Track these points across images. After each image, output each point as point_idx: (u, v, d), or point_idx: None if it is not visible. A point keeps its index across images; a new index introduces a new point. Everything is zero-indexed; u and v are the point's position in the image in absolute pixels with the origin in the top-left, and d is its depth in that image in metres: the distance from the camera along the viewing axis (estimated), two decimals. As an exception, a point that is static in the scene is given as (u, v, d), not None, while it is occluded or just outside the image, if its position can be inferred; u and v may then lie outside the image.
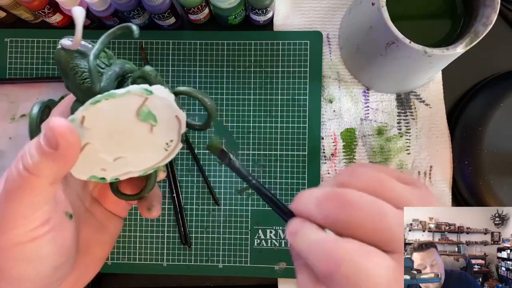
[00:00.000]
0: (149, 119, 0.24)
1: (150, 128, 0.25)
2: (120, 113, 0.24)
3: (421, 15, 0.42)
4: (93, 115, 0.23)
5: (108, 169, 0.26)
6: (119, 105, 0.23)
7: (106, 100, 0.23)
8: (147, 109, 0.24)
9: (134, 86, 0.23)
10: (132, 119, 0.24)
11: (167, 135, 0.26)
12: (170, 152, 0.27)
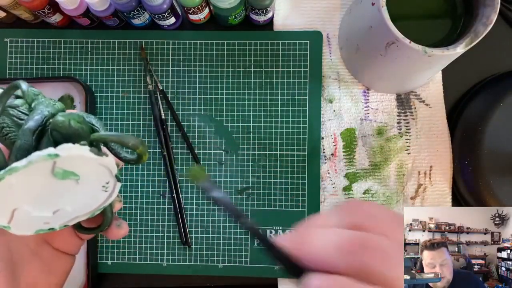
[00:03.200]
0: (68, 177, 0.22)
1: (76, 182, 0.23)
2: (35, 178, 0.22)
3: (421, 15, 0.42)
4: (6, 188, 0.22)
5: (51, 222, 0.25)
6: (28, 173, 0.21)
7: (9, 175, 0.21)
8: (61, 170, 0.22)
9: (36, 155, 0.21)
10: (51, 179, 0.22)
11: (99, 180, 0.24)
12: (111, 192, 0.26)
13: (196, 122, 0.49)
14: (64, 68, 0.50)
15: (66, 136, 0.23)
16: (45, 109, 0.24)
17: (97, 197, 0.25)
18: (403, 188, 0.48)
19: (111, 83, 0.49)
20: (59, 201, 0.24)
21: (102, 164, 0.23)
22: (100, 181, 0.24)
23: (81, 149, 0.22)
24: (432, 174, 0.48)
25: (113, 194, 0.26)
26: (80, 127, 0.23)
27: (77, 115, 0.24)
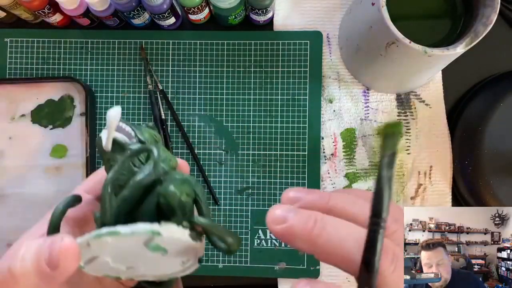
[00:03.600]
0: (158, 251, 0.23)
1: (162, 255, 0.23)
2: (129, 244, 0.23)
3: (421, 15, 0.42)
4: (100, 245, 0.22)
5: (121, 274, 0.25)
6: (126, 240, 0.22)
7: (111, 236, 0.22)
8: (155, 244, 0.22)
9: (141, 227, 0.22)
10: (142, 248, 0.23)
11: (182, 257, 0.25)
12: (185, 269, 0.26)
13: (196, 122, 0.49)
14: (64, 68, 0.50)
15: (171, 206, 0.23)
16: (161, 165, 0.24)
17: (172, 267, 0.25)
18: (403, 188, 0.48)
19: (111, 83, 0.49)
20: (137, 262, 0.24)
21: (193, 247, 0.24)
22: (183, 257, 0.25)
23: (182, 232, 0.22)
24: (432, 174, 0.48)
25: (188, 270, 0.26)
26: (188, 202, 0.23)
27: (189, 186, 0.24)
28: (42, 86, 0.49)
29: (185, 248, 0.24)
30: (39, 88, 0.49)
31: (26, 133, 0.48)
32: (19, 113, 0.49)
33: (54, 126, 0.48)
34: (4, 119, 0.48)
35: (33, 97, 0.49)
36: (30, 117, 0.48)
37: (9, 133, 0.48)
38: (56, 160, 0.48)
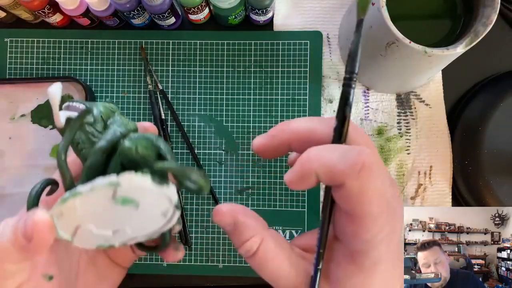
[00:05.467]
0: (128, 203, 0.23)
1: (135, 208, 0.24)
2: (97, 202, 0.23)
3: (421, 15, 0.42)
4: (70, 209, 0.23)
5: (111, 240, 0.26)
6: (91, 197, 0.23)
7: (74, 197, 0.22)
8: (121, 197, 0.23)
9: (99, 182, 0.22)
10: (112, 204, 0.23)
11: (158, 207, 0.25)
12: (170, 218, 0.26)
13: (196, 122, 0.49)
14: (64, 68, 0.50)
15: (132, 161, 0.24)
16: (118, 129, 0.25)
17: (156, 222, 0.26)
18: (403, 188, 0.48)
19: (111, 83, 0.49)
20: (119, 223, 0.25)
21: (162, 193, 0.24)
22: (160, 208, 0.25)
23: (142, 179, 0.23)
24: (432, 174, 0.48)
25: (171, 220, 0.26)
26: (147, 154, 0.24)
27: (145, 140, 0.24)
28: (42, 86, 0.48)
29: (155, 197, 0.24)
30: (39, 88, 0.49)
31: (26, 133, 0.48)
32: (19, 113, 0.49)
33: (54, 126, 0.48)
34: (4, 119, 0.49)
35: (33, 97, 0.49)
36: (30, 117, 0.48)
37: (9, 133, 0.48)
38: (56, 160, 0.48)
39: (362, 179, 0.20)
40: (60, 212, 0.23)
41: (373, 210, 0.20)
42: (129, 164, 0.24)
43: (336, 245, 0.23)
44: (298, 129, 0.23)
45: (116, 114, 0.27)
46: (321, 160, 0.21)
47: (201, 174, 0.23)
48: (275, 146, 0.24)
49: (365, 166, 0.20)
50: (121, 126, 0.25)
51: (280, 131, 0.24)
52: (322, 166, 0.21)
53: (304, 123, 0.24)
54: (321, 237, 0.23)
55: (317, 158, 0.21)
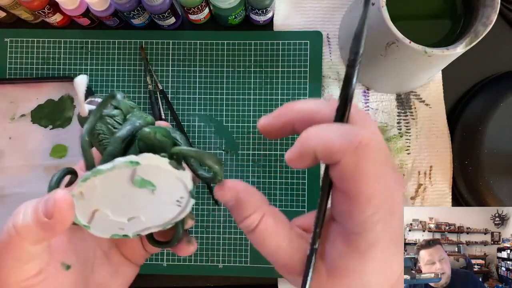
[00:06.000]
0: (145, 186, 0.24)
1: (152, 192, 0.25)
2: (116, 183, 0.24)
3: (421, 15, 0.42)
4: (90, 189, 0.24)
5: (125, 228, 0.27)
6: (111, 177, 0.24)
7: (94, 176, 0.23)
8: (139, 178, 0.24)
9: (119, 160, 0.23)
10: (130, 186, 0.24)
11: (174, 194, 0.26)
12: (183, 208, 0.27)
13: (196, 122, 0.49)
14: (64, 68, 0.50)
15: (150, 147, 0.25)
16: (137, 121, 0.26)
17: (170, 210, 0.27)
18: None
19: (111, 83, 0.49)
20: (135, 209, 0.26)
21: (178, 178, 0.25)
22: (175, 195, 0.26)
23: (160, 160, 0.24)
24: (432, 174, 0.48)
25: (185, 209, 0.27)
26: (165, 140, 0.25)
27: (164, 129, 0.25)
28: (42, 86, 0.48)
29: (171, 181, 0.25)
30: (39, 88, 0.49)
31: (26, 133, 0.48)
32: (19, 113, 0.49)
33: (54, 126, 0.48)
34: (4, 119, 0.48)
35: (33, 97, 0.49)
36: (30, 117, 0.48)
37: (9, 133, 0.48)
38: (56, 160, 0.48)
39: (358, 157, 0.20)
40: (80, 192, 0.24)
41: (368, 189, 0.20)
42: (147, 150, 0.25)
43: (333, 226, 0.23)
44: (303, 110, 0.23)
45: (136, 110, 0.28)
46: (319, 138, 0.21)
47: (217, 160, 0.24)
48: (280, 126, 0.24)
49: (362, 144, 0.20)
50: (140, 119, 0.27)
51: (285, 111, 0.24)
52: (320, 143, 0.21)
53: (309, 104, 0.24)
54: (318, 217, 0.23)
55: (315, 136, 0.21)
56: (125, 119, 0.27)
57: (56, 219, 0.23)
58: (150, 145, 0.25)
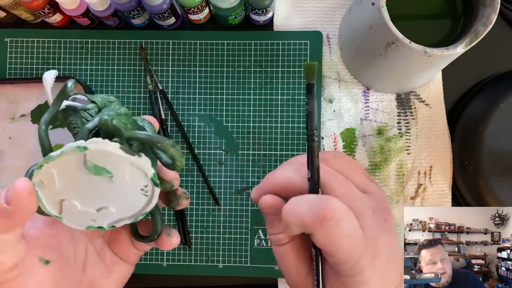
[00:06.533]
0: (101, 173, 0.24)
1: (110, 179, 0.24)
2: (71, 169, 0.24)
3: (421, 15, 0.42)
4: (48, 176, 0.24)
5: (97, 219, 0.26)
6: (64, 163, 0.23)
7: (47, 163, 0.23)
8: (92, 164, 0.23)
9: (67, 146, 0.23)
10: (86, 173, 0.24)
11: (135, 182, 0.25)
12: (151, 197, 0.26)
13: (196, 122, 0.49)
14: (64, 68, 0.50)
15: (108, 133, 0.24)
16: (106, 113, 0.26)
17: (137, 200, 0.26)
18: (403, 188, 0.48)
19: (111, 83, 0.49)
20: (100, 198, 0.25)
21: (134, 164, 0.24)
22: (137, 183, 0.25)
23: (109, 144, 0.23)
24: (432, 174, 0.48)
25: (152, 199, 0.26)
26: (123, 126, 0.24)
27: (126, 117, 0.25)
28: (42, 86, 0.48)
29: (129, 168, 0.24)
30: (39, 88, 0.49)
31: (26, 133, 0.48)
32: (19, 113, 0.49)
33: (54, 126, 0.48)
34: (4, 119, 0.49)
35: (33, 97, 0.49)
36: (30, 117, 0.48)
37: (9, 133, 0.48)
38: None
39: (325, 229, 0.22)
40: (40, 181, 0.24)
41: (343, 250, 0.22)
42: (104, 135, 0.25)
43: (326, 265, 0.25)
44: (279, 182, 0.26)
45: (114, 104, 0.28)
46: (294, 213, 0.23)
47: (172, 144, 0.24)
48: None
49: (326, 218, 0.22)
50: (112, 111, 0.27)
51: (265, 184, 0.27)
52: (295, 219, 0.23)
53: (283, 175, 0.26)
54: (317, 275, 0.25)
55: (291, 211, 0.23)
56: (99, 112, 0.27)
57: (15, 206, 0.23)
58: (107, 131, 0.24)
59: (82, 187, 0.25)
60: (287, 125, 0.48)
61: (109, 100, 0.29)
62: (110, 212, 0.26)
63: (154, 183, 0.25)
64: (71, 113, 0.28)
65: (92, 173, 0.24)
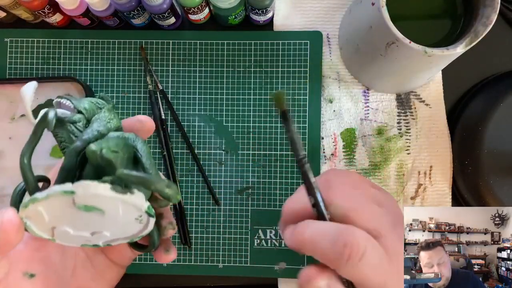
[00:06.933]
0: (91, 210, 0.22)
1: (102, 214, 0.23)
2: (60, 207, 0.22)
3: (421, 15, 0.42)
4: (36, 213, 0.23)
5: (92, 240, 0.25)
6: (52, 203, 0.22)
7: (33, 203, 0.22)
8: (81, 204, 0.22)
9: (53, 189, 0.22)
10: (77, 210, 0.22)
11: (128, 214, 0.24)
12: (146, 224, 0.25)
13: (196, 122, 0.49)
14: (64, 68, 0.50)
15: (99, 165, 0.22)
16: (96, 129, 0.24)
17: (132, 227, 0.25)
18: (403, 188, 0.48)
19: (111, 83, 0.49)
20: (93, 226, 0.24)
21: (126, 202, 0.23)
22: (131, 215, 0.24)
23: (99, 187, 0.21)
24: (432, 174, 0.48)
25: (148, 226, 0.25)
26: (114, 156, 0.22)
27: (115, 142, 0.23)
28: (42, 86, 0.48)
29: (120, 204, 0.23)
30: (39, 88, 0.48)
31: (26, 133, 0.48)
32: (19, 113, 0.49)
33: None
34: (4, 119, 0.49)
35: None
36: (30, 117, 0.48)
37: (9, 133, 0.48)
38: (56, 160, 0.48)
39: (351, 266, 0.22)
40: (27, 215, 0.23)
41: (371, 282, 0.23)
42: (96, 167, 0.23)
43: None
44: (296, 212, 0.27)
45: (103, 110, 0.26)
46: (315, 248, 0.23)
47: (167, 184, 0.22)
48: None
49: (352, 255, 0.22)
50: (101, 125, 0.24)
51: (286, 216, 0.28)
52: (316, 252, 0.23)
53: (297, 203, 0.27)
54: None
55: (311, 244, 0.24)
56: (88, 123, 0.25)
57: (1, 240, 0.23)
58: (96, 164, 0.22)
59: (73, 219, 0.23)
60: (287, 125, 0.48)
61: (98, 105, 0.26)
62: (105, 235, 0.25)
63: (149, 214, 0.24)
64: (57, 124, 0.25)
65: (82, 211, 0.22)
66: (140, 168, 0.25)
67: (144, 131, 0.28)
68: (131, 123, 0.28)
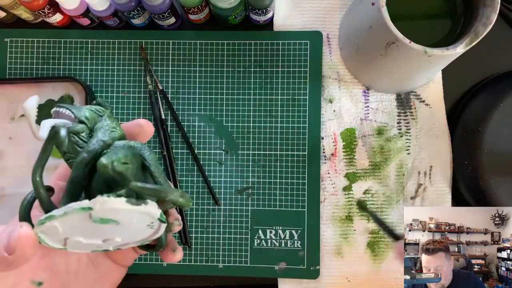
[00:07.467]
0: (107, 223, 0.23)
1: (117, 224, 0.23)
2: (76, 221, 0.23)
3: (421, 15, 0.42)
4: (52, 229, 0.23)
5: (103, 246, 0.26)
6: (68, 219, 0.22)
7: (49, 221, 0.22)
8: (98, 217, 0.23)
9: (71, 207, 0.22)
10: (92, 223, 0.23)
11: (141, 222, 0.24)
12: (157, 229, 0.26)
13: (196, 122, 0.49)
14: (64, 68, 0.50)
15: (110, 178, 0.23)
16: (101, 139, 0.24)
17: (144, 232, 0.25)
18: (403, 188, 0.48)
19: (111, 83, 0.49)
20: (106, 235, 0.25)
21: (141, 212, 0.23)
22: (144, 222, 0.24)
23: (116, 201, 0.22)
24: (432, 174, 0.48)
25: (159, 231, 0.26)
26: (125, 168, 0.23)
27: (124, 153, 0.23)
28: (42, 86, 0.48)
29: (135, 214, 0.23)
30: (39, 88, 0.49)
31: (26, 133, 0.48)
32: (19, 113, 0.49)
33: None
34: (4, 119, 0.49)
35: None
36: (30, 117, 0.48)
37: (9, 133, 0.48)
38: (56, 160, 0.48)
39: None
40: (42, 230, 0.23)
41: None
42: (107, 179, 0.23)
43: None
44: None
45: (104, 118, 0.26)
46: None
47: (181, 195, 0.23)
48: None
49: None
50: (105, 135, 0.25)
51: None
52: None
53: None
54: None
55: None
56: (90, 134, 0.25)
57: (17, 256, 0.23)
58: (107, 176, 0.23)
59: (87, 230, 0.24)
60: (287, 125, 0.48)
61: (98, 113, 0.26)
62: (116, 241, 0.26)
63: (160, 221, 0.25)
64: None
65: (98, 223, 0.23)
66: (148, 175, 0.25)
67: (144, 135, 0.28)
68: (131, 127, 0.28)
